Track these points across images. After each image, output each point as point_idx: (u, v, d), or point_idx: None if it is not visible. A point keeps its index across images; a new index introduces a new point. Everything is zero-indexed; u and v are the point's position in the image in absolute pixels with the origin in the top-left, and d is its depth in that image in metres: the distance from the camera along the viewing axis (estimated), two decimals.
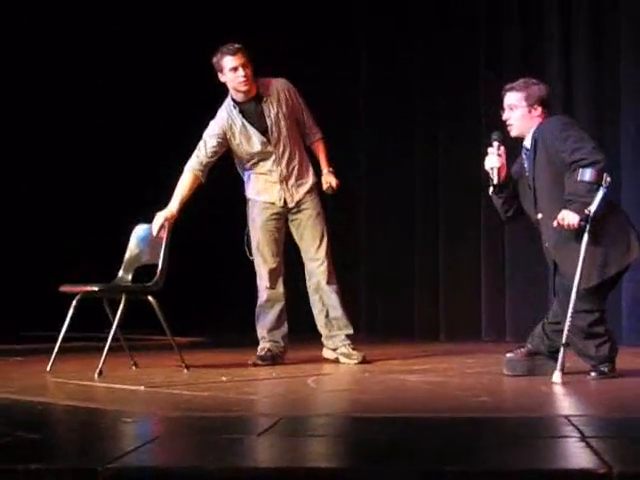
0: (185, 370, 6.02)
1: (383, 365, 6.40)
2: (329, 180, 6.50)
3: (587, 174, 5.18)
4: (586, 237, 5.18)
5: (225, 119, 6.38)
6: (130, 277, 6.30)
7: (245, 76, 6.24)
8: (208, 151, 6.35)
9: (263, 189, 6.46)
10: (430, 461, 3.11)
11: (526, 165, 5.49)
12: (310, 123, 6.56)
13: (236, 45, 6.26)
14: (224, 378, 5.62)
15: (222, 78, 6.31)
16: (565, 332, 5.20)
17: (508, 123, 5.52)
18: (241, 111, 6.37)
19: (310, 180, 6.51)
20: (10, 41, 9.76)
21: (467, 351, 7.29)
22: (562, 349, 5.22)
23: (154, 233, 6.19)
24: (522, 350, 5.60)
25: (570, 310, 5.17)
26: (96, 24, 9.90)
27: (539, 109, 5.45)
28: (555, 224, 5.24)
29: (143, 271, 6.30)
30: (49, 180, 10.07)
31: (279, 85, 6.45)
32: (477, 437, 3.63)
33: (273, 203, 6.45)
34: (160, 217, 6.19)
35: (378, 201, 9.35)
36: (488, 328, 8.57)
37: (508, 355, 5.61)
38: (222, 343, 8.37)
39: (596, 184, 5.17)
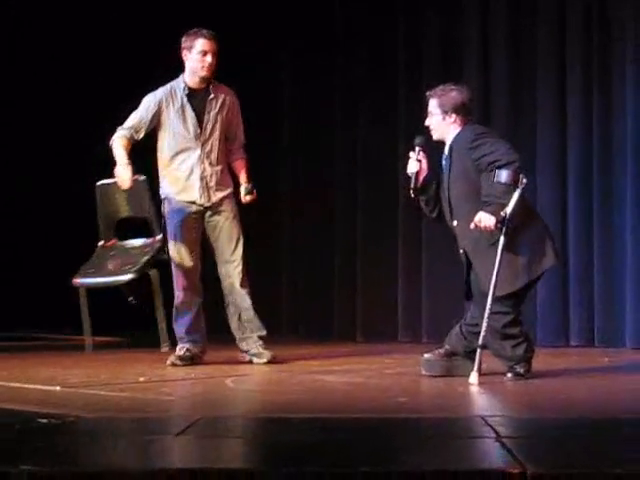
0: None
1: (303, 365, 6.40)
2: (248, 191, 6.48)
3: (503, 175, 5.24)
4: (502, 239, 5.24)
5: (167, 93, 6.35)
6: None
7: (210, 64, 6.27)
8: (140, 122, 6.33)
9: (183, 188, 6.42)
10: (345, 462, 3.12)
11: (444, 172, 5.55)
12: (240, 142, 6.59)
13: (212, 32, 6.30)
14: (142, 378, 5.57)
15: (186, 56, 6.32)
16: (482, 333, 5.25)
17: (430, 128, 5.60)
18: (187, 94, 6.35)
19: (229, 188, 6.51)
20: None
21: (385, 352, 7.32)
22: (479, 350, 5.27)
23: (127, 185, 6.17)
24: (440, 351, 5.64)
25: (486, 312, 5.23)
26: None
27: (454, 116, 5.51)
28: (472, 226, 5.29)
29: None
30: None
31: (229, 93, 6.50)
32: (394, 438, 3.65)
33: (193, 202, 6.42)
34: (124, 169, 6.15)
35: (299, 202, 9.35)
36: (405, 329, 8.61)
37: (426, 356, 5.65)
38: (141, 343, 8.29)
39: (512, 185, 5.23)
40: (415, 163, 5.55)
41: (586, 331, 7.68)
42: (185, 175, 6.41)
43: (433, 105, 5.55)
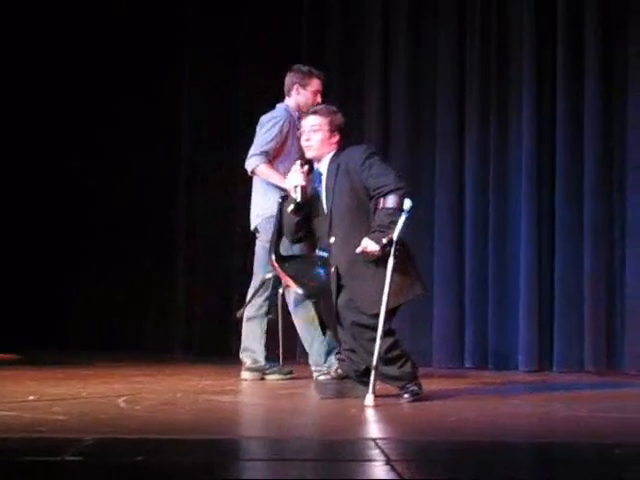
0: None
1: (197, 385, 6.36)
2: None
3: (390, 200, 5.35)
4: (391, 260, 5.30)
5: (289, 120, 6.56)
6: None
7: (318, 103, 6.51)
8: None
9: None
10: None
11: (321, 190, 5.59)
12: None
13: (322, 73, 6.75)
14: (32, 397, 5.48)
15: (297, 91, 6.62)
16: (375, 355, 5.28)
17: (307, 144, 5.63)
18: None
19: None
20: None
21: None
22: (373, 372, 5.30)
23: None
24: (333, 374, 5.67)
25: (379, 332, 5.24)
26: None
27: (337, 136, 5.61)
28: (359, 250, 5.34)
29: None
30: None
31: None
32: (282, 458, 3.65)
33: None
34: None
35: (196, 216, 9.29)
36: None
37: (319, 378, 5.67)
38: (35, 360, 8.15)
39: (398, 209, 5.32)
40: (300, 175, 5.59)
41: (480, 353, 7.78)
42: None
43: (320, 123, 5.62)
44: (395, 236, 5.28)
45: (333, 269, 5.52)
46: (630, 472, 3.58)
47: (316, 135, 5.61)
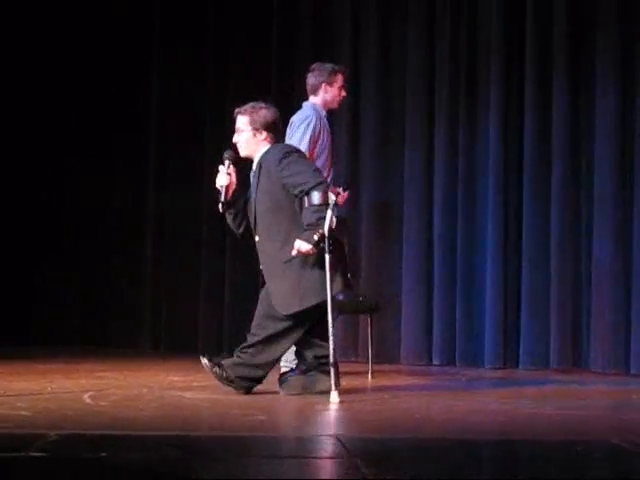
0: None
1: (163, 381, 6.35)
2: None
3: (314, 197, 5.40)
4: (327, 257, 5.35)
5: (318, 118, 6.51)
6: None
7: (344, 97, 6.80)
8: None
9: None
10: None
11: (252, 188, 5.66)
12: None
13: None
14: None
15: (325, 89, 6.61)
16: (331, 351, 5.30)
17: (237, 145, 5.70)
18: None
19: None
20: None
21: None
22: (332, 369, 5.31)
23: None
24: (296, 369, 5.70)
25: (330, 328, 5.28)
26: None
27: (264, 133, 5.65)
28: (294, 253, 5.41)
29: None
30: None
31: None
32: (245, 455, 3.65)
33: None
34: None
35: (165, 212, 9.27)
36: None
37: (285, 375, 5.70)
38: (1, 355, 8.10)
39: (324, 205, 5.37)
40: (225, 176, 5.63)
41: (448, 350, 7.80)
42: None
43: (243, 122, 5.67)
44: (325, 231, 5.33)
45: (261, 267, 5.65)
46: (593, 469, 3.61)
47: (241, 135, 5.68)
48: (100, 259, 9.32)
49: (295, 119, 6.62)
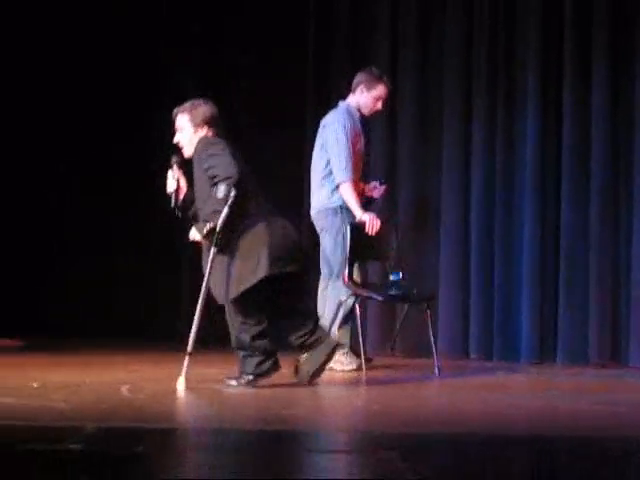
0: None
1: (198, 374, 6.34)
2: None
3: (220, 190, 5.44)
4: (212, 250, 5.45)
5: (351, 121, 6.60)
6: None
7: (380, 110, 6.84)
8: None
9: None
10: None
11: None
12: None
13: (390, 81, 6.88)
14: (35, 384, 5.49)
15: (362, 91, 6.65)
16: (191, 340, 5.48)
17: (180, 145, 5.71)
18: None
19: None
20: None
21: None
22: (187, 358, 5.48)
23: (373, 231, 6.45)
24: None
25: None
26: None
27: (205, 129, 5.66)
28: (191, 238, 5.55)
29: None
30: None
31: None
32: (284, 450, 3.65)
33: None
34: (370, 215, 6.47)
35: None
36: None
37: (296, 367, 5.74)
38: (41, 347, 8.14)
39: (224, 200, 5.42)
40: (171, 182, 5.69)
41: (485, 344, 7.76)
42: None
43: (184, 121, 5.68)
44: (219, 225, 5.39)
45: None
46: (626, 465, 3.59)
47: (182, 134, 5.69)
48: (139, 250, 9.23)
49: (328, 121, 6.60)
